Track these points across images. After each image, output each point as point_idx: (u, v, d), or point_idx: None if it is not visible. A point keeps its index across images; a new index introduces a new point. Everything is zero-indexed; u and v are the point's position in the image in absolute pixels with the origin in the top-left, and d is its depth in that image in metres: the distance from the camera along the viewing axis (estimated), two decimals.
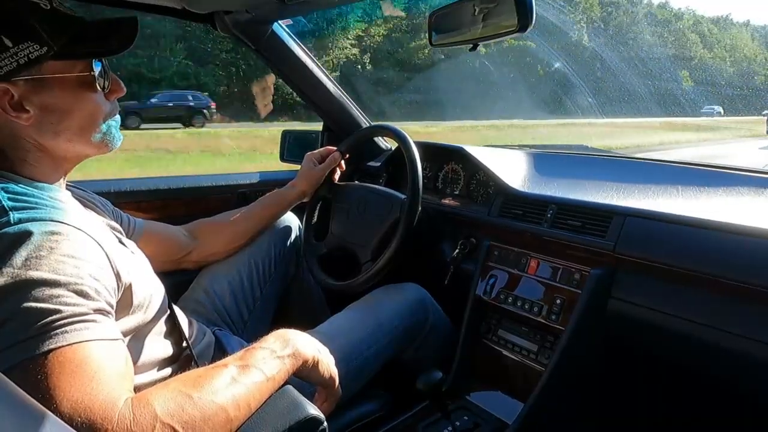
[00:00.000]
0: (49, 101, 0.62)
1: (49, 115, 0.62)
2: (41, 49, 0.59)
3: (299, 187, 1.22)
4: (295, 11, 1.29)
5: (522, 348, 1.08)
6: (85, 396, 0.49)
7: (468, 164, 1.36)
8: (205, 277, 1.11)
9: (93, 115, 0.67)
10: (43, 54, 0.59)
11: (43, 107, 0.62)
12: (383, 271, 1.10)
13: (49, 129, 0.63)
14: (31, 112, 0.61)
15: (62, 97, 0.63)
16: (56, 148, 0.66)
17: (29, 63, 0.59)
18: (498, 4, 0.93)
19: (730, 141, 17.01)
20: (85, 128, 0.66)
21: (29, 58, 0.58)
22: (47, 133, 0.63)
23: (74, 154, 0.68)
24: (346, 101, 1.55)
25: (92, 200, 0.83)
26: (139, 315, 0.68)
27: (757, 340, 0.77)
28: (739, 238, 0.81)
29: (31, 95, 0.61)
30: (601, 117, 22.68)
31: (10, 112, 0.60)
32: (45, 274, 0.52)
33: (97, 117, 0.67)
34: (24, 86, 0.60)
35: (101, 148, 0.69)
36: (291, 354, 0.68)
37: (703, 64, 44.98)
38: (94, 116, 0.67)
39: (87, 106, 0.65)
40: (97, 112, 0.67)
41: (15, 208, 0.56)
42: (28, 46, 0.58)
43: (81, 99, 0.65)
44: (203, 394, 0.55)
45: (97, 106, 0.67)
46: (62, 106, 0.63)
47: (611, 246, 0.93)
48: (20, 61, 0.58)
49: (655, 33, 46.36)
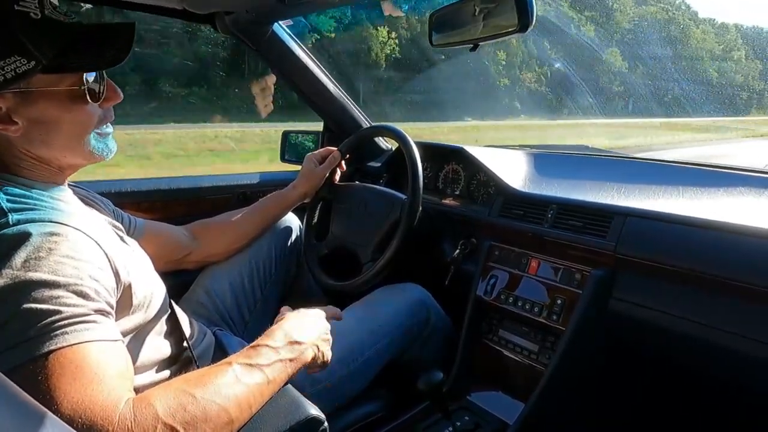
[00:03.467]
0: (37, 114, 0.61)
1: (37, 126, 0.61)
2: (29, 63, 0.57)
3: (300, 188, 1.22)
4: (296, 12, 1.29)
5: (523, 348, 1.08)
6: (86, 397, 0.49)
7: (468, 164, 1.36)
8: (206, 278, 1.11)
9: (84, 125, 0.65)
10: (30, 68, 0.57)
11: (32, 120, 0.61)
12: (384, 271, 1.10)
13: (39, 140, 0.62)
14: (20, 124, 0.60)
15: (51, 109, 0.61)
16: (49, 158, 0.65)
17: (16, 77, 0.57)
18: (498, 4, 0.92)
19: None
20: (76, 139, 0.65)
21: (16, 73, 0.57)
22: (37, 143, 0.62)
23: (67, 164, 0.67)
24: (346, 102, 1.55)
25: (94, 199, 0.83)
26: (139, 315, 0.68)
27: (758, 340, 0.77)
28: (740, 238, 0.81)
29: (20, 108, 0.59)
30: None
31: None
32: (44, 275, 0.52)
33: (88, 127, 0.65)
34: (12, 99, 0.59)
35: (94, 157, 0.68)
36: (296, 358, 0.68)
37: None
38: (85, 127, 0.65)
39: (77, 118, 0.64)
40: (88, 122, 0.65)
41: (14, 210, 0.56)
42: (15, 61, 0.56)
43: (71, 111, 0.63)
44: (205, 394, 0.55)
45: (89, 117, 0.65)
46: (51, 119, 0.62)
47: (612, 246, 0.93)
48: (7, 76, 0.56)
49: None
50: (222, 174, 1.54)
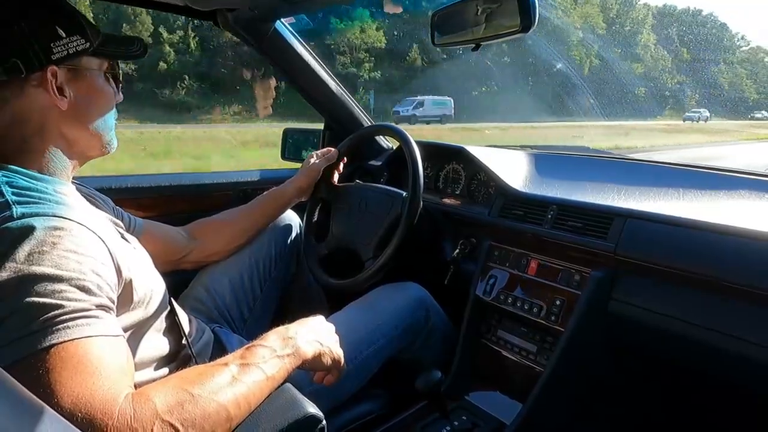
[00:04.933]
0: (81, 90, 0.69)
1: (78, 103, 0.68)
2: (85, 43, 0.67)
3: (296, 183, 1.21)
4: (298, 9, 1.29)
5: (521, 348, 1.08)
6: (86, 391, 0.49)
7: (469, 164, 1.36)
8: (206, 275, 1.11)
9: (110, 107, 0.74)
10: (86, 48, 0.67)
11: (77, 95, 0.68)
12: (384, 268, 1.09)
13: (77, 116, 0.69)
14: (68, 98, 0.67)
15: (92, 88, 0.70)
16: (76, 139, 0.70)
17: (75, 54, 0.66)
18: (501, 5, 0.92)
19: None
20: (104, 120, 0.73)
21: (76, 50, 0.66)
22: (73, 120, 0.69)
23: (87, 147, 0.73)
24: (347, 100, 1.55)
25: (94, 196, 0.83)
26: (139, 311, 0.69)
27: (757, 343, 0.77)
28: (739, 241, 0.81)
29: (71, 83, 0.67)
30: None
31: (54, 93, 0.65)
32: (47, 269, 0.52)
33: (112, 109, 0.75)
34: (66, 74, 0.67)
35: (106, 147, 0.75)
36: (292, 353, 0.68)
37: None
38: (110, 108, 0.74)
39: (108, 98, 0.73)
40: (112, 107, 0.75)
41: (18, 203, 0.57)
42: (77, 39, 0.66)
43: (104, 91, 0.73)
44: (204, 391, 0.56)
45: (113, 102, 0.74)
46: (90, 95, 0.70)
47: (612, 247, 0.93)
48: (69, 51, 0.65)
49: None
50: (223, 171, 1.54)
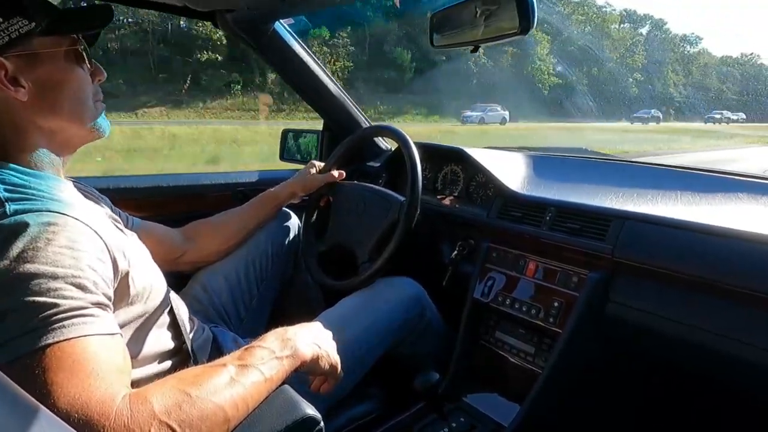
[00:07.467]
0: (41, 76, 0.64)
1: (42, 89, 0.64)
2: (30, 24, 0.61)
3: (291, 187, 1.22)
4: (297, 10, 1.29)
5: (519, 350, 1.08)
6: (83, 392, 0.49)
7: (467, 166, 1.36)
8: (203, 274, 1.11)
9: (83, 89, 0.69)
10: (31, 29, 0.62)
11: (37, 82, 0.64)
12: (381, 271, 1.10)
13: (45, 106, 0.65)
14: (26, 87, 0.63)
15: (54, 71, 0.65)
16: (55, 129, 0.67)
17: (20, 38, 0.61)
18: (499, 6, 0.93)
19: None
20: (79, 104, 0.68)
21: (19, 33, 0.61)
22: (43, 110, 0.65)
23: (70, 136, 0.69)
24: (346, 101, 1.55)
25: (92, 194, 0.83)
26: (139, 306, 0.68)
27: (755, 345, 0.78)
28: (737, 243, 0.81)
29: (24, 70, 0.63)
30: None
31: (7, 85, 0.61)
32: (42, 266, 0.52)
33: (86, 91, 0.69)
34: (17, 62, 0.62)
35: (93, 133, 0.71)
36: (290, 355, 0.68)
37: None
38: (84, 90, 0.69)
39: (77, 79, 0.68)
40: (85, 86, 0.69)
41: (11, 200, 0.56)
42: (18, 21, 0.60)
43: (72, 72, 0.67)
44: (201, 392, 0.55)
45: (86, 81, 0.69)
46: (54, 80, 0.65)
47: (610, 249, 0.93)
48: (12, 35, 0.60)
49: None
50: (222, 172, 1.54)
